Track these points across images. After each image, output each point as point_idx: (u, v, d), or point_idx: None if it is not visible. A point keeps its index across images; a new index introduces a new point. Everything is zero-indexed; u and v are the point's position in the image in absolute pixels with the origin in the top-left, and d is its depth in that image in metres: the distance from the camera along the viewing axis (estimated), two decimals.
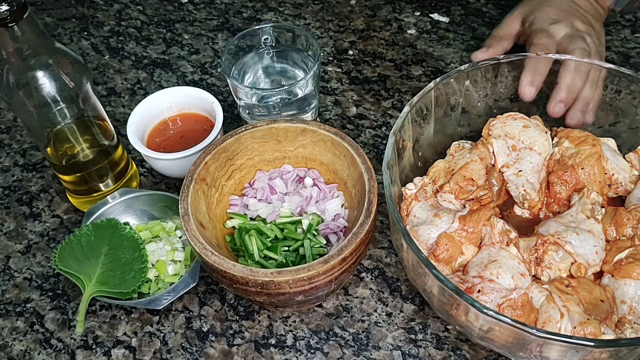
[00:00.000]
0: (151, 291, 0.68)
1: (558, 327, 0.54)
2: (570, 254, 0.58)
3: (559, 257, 0.59)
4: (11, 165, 0.83)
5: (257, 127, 0.68)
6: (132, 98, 0.90)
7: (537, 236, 0.60)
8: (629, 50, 0.91)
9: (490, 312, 0.50)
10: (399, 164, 0.65)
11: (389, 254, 0.72)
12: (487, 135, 0.68)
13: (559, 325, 0.54)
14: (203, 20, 1.01)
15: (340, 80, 0.90)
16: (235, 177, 0.70)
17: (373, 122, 0.85)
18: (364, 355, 0.64)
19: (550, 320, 0.54)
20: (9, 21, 0.57)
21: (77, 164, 0.72)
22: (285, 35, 0.79)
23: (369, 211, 0.60)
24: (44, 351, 0.66)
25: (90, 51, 0.98)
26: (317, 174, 0.71)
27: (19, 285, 0.72)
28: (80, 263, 0.67)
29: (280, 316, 0.67)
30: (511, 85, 0.72)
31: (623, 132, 0.70)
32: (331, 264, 0.56)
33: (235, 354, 0.65)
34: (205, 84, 0.92)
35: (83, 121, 0.69)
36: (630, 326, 0.55)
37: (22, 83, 0.62)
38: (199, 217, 0.63)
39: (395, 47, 0.94)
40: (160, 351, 0.65)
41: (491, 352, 0.63)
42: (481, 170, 0.65)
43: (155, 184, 0.80)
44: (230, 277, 0.57)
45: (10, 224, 0.77)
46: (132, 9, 1.04)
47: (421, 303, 0.67)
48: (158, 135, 0.78)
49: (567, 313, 0.54)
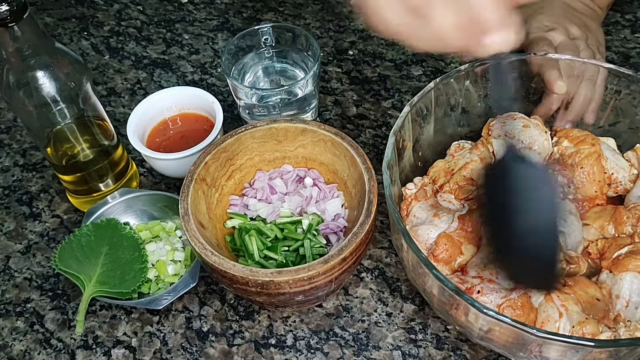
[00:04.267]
0: (151, 291, 0.68)
1: (557, 326, 0.54)
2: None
3: None
4: (11, 165, 0.83)
5: (257, 127, 0.68)
6: (132, 98, 0.90)
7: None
8: (629, 50, 0.91)
9: (491, 312, 0.50)
10: (399, 164, 0.65)
11: (389, 254, 0.72)
12: (487, 135, 0.68)
13: (558, 324, 0.54)
14: (203, 20, 1.01)
15: (340, 80, 0.90)
16: (235, 177, 0.70)
17: (373, 122, 0.85)
18: (364, 355, 0.64)
19: (549, 320, 0.54)
20: (9, 21, 0.57)
21: (77, 164, 0.72)
22: (285, 35, 0.79)
23: (369, 211, 0.60)
24: (44, 351, 0.66)
25: (90, 51, 0.98)
26: (317, 174, 0.71)
27: (19, 285, 0.72)
28: (80, 263, 0.67)
29: (280, 316, 0.67)
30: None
31: (623, 132, 0.70)
32: (331, 264, 0.56)
33: (235, 354, 0.65)
34: (205, 84, 0.92)
35: (83, 121, 0.69)
36: (624, 324, 0.55)
37: (22, 83, 0.62)
38: (199, 217, 0.63)
39: (395, 47, 0.94)
40: (160, 351, 0.65)
41: (491, 352, 0.63)
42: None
43: (155, 184, 0.80)
44: (230, 277, 0.57)
45: (10, 224, 0.77)
46: (132, 9, 1.04)
47: (421, 303, 0.67)
48: (158, 135, 0.78)
49: (565, 312, 0.54)
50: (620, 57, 0.90)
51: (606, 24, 0.93)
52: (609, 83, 0.69)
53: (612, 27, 0.94)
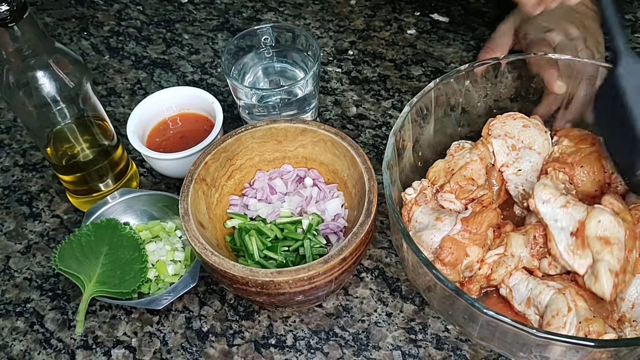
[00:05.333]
0: (151, 291, 0.68)
1: (564, 321, 0.53)
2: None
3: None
4: (11, 165, 0.83)
5: (257, 127, 0.68)
6: (132, 98, 0.90)
7: (533, 228, 0.60)
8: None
9: (490, 312, 0.50)
10: (399, 164, 0.65)
11: (389, 254, 0.72)
12: (487, 135, 0.68)
13: (566, 319, 0.53)
14: (203, 20, 1.01)
15: (340, 80, 0.90)
16: (235, 177, 0.70)
17: (373, 122, 0.85)
18: (364, 355, 0.64)
19: (558, 313, 0.54)
20: (9, 21, 0.57)
21: (77, 164, 0.72)
22: (285, 35, 0.79)
23: (369, 211, 0.60)
24: (44, 351, 0.66)
25: (90, 51, 0.98)
26: (317, 174, 0.71)
27: (19, 285, 0.72)
28: (80, 263, 0.67)
29: (280, 316, 0.67)
30: (511, 85, 0.72)
31: None
32: (331, 264, 0.56)
33: (235, 354, 0.65)
34: (205, 84, 0.92)
35: (83, 121, 0.69)
36: (630, 324, 0.55)
37: (22, 83, 0.62)
38: (199, 217, 0.63)
39: (395, 47, 0.94)
40: (160, 351, 0.65)
41: (491, 352, 0.63)
42: (481, 170, 0.65)
43: (155, 184, 0.80)
44: (230, 277, 0.57)
45: (10, 224, 0.77)
46: (132, 9, 1.04)
47: (421, 303, 0.67)
48: (158, 135, 0.78)
49: (574, 307, 0.54)
50: None
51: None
52: None
53: None
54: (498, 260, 0.60)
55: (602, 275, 0.53)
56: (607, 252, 0.54)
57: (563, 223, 0.57)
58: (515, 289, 0.59)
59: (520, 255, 0.59)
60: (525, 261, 0.60)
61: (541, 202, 0.58)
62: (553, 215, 0.58)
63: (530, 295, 0.58)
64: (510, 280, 0.60)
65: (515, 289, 0.59)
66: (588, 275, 0.55)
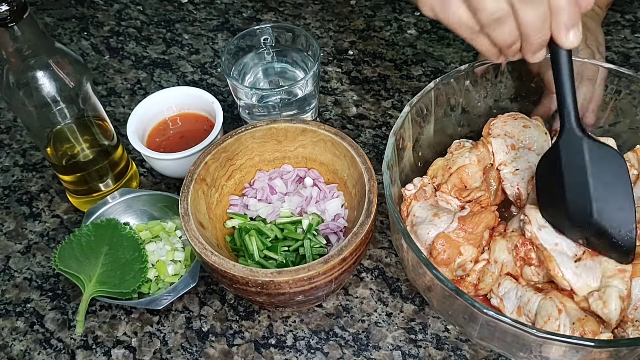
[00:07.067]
0: (151, 291, 0.68)
1: (557, 324, 0.54)
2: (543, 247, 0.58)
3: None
4: (11, 165, 0.83)
5: (257, 127, 0.68)
6: (132, 98, 0.90)
7: (516, 236, 0.59)
8: (629, 50, 0.91)
9: (490, 312, 0.50)
10: (399, 164, 0.65)
11: (389, 254, 0.72)
12: (487, 135, 0.68)
13: (558, 322, 0.54)
14: (203, 20, 1.01)
15: (340, 80, 0.90)
16: (235, 177, 0.70)
17: (373, 122, 0.85)
18: (364, 355, 0.64)
19: (549, 318, 0.54)
20: (9, 21, 0.57)
21: (77, 164, 0.72)
22: (285, 35, 0.79)
23: (369, 211, 0.60)
24: (44, 351, 0.66)
25: (90, 51, 0.98)
26: (317, 174, 0.71)
27: (19, 285, 0.72)
28: (80, 263, 0.67)
29: (280, 316, 0.67)
30: (511, 85, 0.72)
31: (623, 132, 0.70)
32: (331, 264, 0.56)
33: (235, 354, 0.65)
34: (205, 84, 0.92)
35: (83, 121, 0.69)
36: (632, 324, 0.55)
37: (22, 83, 0.62)
38: (199, 217, 0.63)
39: (395, 47, 0.94)
40: (160, 351, 0.65)
41: (491, 352, 0.63)
42: (477, 173, 0.66)
43: (155, 184, 0.81)
44: (230, 277, 0.57)
45: (10, 224, 0.77)
46: (132, 9, 1.04)
47: (421, 303, 0.67)
48: (158, 135, 0.78)
49: (564, 308, 0.54)
50: (620, 57, 0.90)
51: (606, 24, 0.93)
52: (609, 83, 0.69)
53: (612, 27, 0.94)
54: (483, 269, 0.60)
55: (611, 302, 0.53)
56: (619, 277, 0.54)
57: (564, 247, 0.56)
58: (505, 297, 0.58)
59: (503, 261, 0.59)
60: (509, 267, 0.59)
61: (538, 228, 0.58)
62: (552, 240, 0.57)
63: (520, 304, 0.57)
64: (500, 290, 0.59)
65: (505, 297, 0.58)
66: (595, 299, 0.54)
